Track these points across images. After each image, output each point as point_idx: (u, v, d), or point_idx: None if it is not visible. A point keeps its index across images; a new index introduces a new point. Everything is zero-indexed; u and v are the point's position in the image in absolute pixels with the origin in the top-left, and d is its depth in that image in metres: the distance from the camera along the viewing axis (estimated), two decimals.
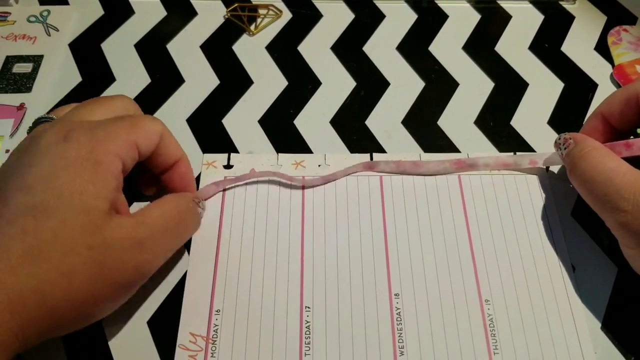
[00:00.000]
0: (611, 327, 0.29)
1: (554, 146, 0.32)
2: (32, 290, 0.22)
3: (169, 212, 0.27)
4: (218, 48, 0.42)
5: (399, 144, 0.36)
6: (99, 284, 0.24)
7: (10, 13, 0.44)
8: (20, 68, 0.40)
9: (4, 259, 0.22)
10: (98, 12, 0.44)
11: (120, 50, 0.42)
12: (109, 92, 0.39)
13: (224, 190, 0.34)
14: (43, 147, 0.25)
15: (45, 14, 0.44)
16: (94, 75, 0.40)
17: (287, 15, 0.44)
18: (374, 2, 0.45)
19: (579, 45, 0.42)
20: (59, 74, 0.40)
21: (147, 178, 0.32)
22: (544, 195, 0.34)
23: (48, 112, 0.28)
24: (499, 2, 0.45)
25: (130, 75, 0.40)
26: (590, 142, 0.30)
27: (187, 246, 0.32)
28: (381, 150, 0.36)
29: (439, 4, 0.45)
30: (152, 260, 0.26)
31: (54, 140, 0.25)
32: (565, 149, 0.31)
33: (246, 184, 0.34)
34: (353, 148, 0.36)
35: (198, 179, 0.34)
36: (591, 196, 0.29)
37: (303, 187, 0.34)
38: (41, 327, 0.23)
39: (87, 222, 0.23)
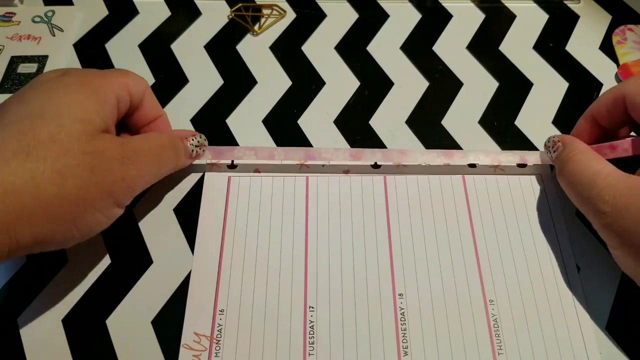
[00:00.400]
0: (616, 327, 0.29)
1: (544, 148, 0.33)
2: (25, 182, 0.23)
3: (152, 141, 0.29)
4: (222, 48, 0.42)
5: (403, 143, 0.36)
6: (91, 187, 0.25)
7: (15, 13, 0.44)
8: (25, 68, 0.40)
9: None
10: (102, 12, 0.44)
11: (125, 50, 0.42)
12: None
13: (228, 191, 0.34)
14: (43, 79, 0.27)
15: (49, 14, 0.44)
16: None
17: (291, 15, 0.44)
18: (378, 1, 0.45)
19: (583, 45, 0.42)
20: None
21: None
22: (548, 195, 0.34)
23: None
24: (503, 1, 0.45)
25: None
26: (577, 145, 0.30)
27: (191, 246, 0.32)
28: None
29: (443, 4, 0.45)
30: (137, 176, 0.27)
31: (52, 75, 0.27)
32: (554, 152, 0.32)
33: (250, 184, 0.34)
34: (357, 148, 0.36)
35: (202, 178, 0.34)
36: (577, 198, 0.29)
37: (307, 187, 0.34)
38: (34, 225, 0.23)
39: (83, 130, 0.25)
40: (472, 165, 0.34)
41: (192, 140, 0.32)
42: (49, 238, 0.24)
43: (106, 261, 0.31)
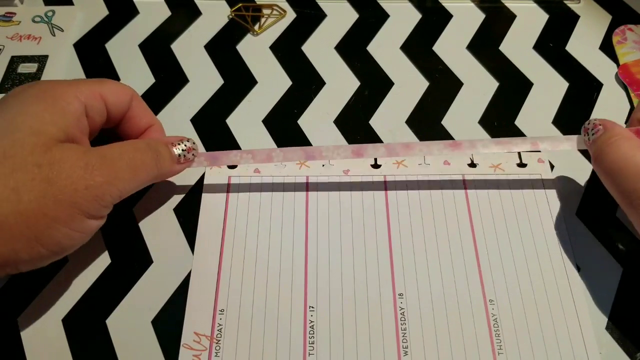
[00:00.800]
0: (616, 327, 0.29)
1: (582, 131, 0.31)
2: None
3: (125, 146, 0.28)
4: (222, 48, 0.42)
5: None
6: (50, 201, 0.23)
7: (15, 13, 0.44)
8: (25, 68, 0.40)
9: None
10: (103, 12, 0.44)
11: (125, 50, 0.42)
12: None
13: (228, 191, 0.34)
14: (9, 94, 0.26)
15: (50, 14, 0.44)
16: (99, 75, 0.40)
17: (291, 15, 0.44)
18: (378, 1, 0.45)
19: (583, 45, 0.42)
20: (64, 74, 0.40)
21: None
22: (548, 195, 0.34)
23: None
24: (503, 1, 0.45)
25: (134, 75, 0.40)
26: (619, 130, 0.28)
27: (191, 246, 0.32)
28: None
29: (443, 4, 0.45)
30: (105, 183, 0.25)
31: (19, 88, 0.27)
32: (593, 134, 0.29)
33: (250, 184, 0.34)
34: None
35: (202, 178, 0.34)
36: (617, 189, 0.27)
37: (307, 188, 0.34)
38: None
39: (37, 143, 0.24)
40: (472, 165, 0.34)
41: (179, 144, 0.30)
42: (13, 258, 0.23)
43: (106, 261, 0.31)
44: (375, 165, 0.34)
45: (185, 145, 0.31)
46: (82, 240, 0.26)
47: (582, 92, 0.39)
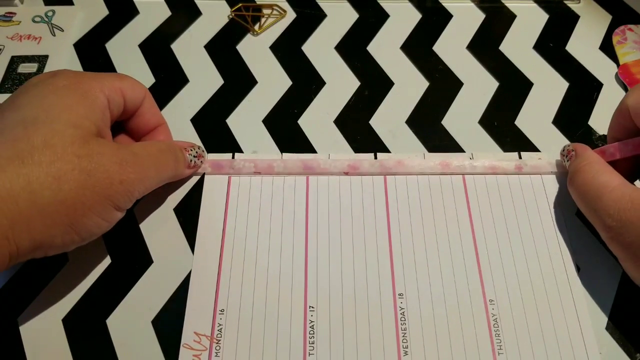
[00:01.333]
0: (616, 327, 0.29)
1: (560, 155, 0.34)
2: (21, 188, 0.23)
3: (150, 147, 0.29)
4: (222, 48, 0.42)
5: (403, 143, 0.36)
6: (88, 191, 0.25)
7: (15, 13, 0.44)
8: (26, 68, 0.40)
9: None
10: (103, 12, 0.44)
11: (125, 50, 0.42)
12: None
13: (228, 191, 0.34)
14: (34, 81, 0.27)
15: (50, 14, 0.44)
16: None
17: (291, 15, 0.44)
18: (378, 1, 0.45)
19: (583, 45, 0.42)
20: None
21: None
22: (548, 196, 0.34)
23: None
24: (503, 1, 0.45)
25: (134, 75, 0.39)
26: (587, 155, 0.31)
27: (191, 246, 0.32)
28: (385, 150, 0.36)
29: (443, 4, 0.45)
30: (136, 180, 0.27)
31: (43, 77, 0.27)
32: (568, 161, 0.32)
33: (250, 184, 0.34)
34: (357, 148, 0.36)
35: (202, 179, 0.34)
36: (585, 209, 0.30)
37: (307, 187, 0.34)
38: (32, 229, 0.23)
39: (76, 135, 0.25)
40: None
41: (191, 150, 0.32)
42: (48, 242, 0.24)
43: (106, 261, 0.31)
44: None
45: (195, 152, 0.33)
46: (107, 229, 0.27)
47: (582, 92, 0.39)
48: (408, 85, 0.40)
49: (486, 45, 0.42)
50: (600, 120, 0.37)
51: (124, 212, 0.28)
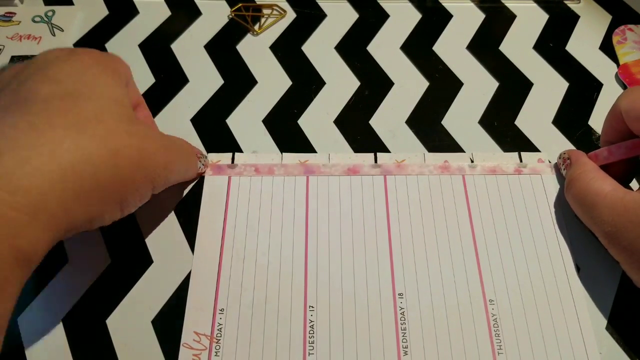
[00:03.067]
0: (616, 327, 0.29)
1: (556, 163, 0.34)
2: (84, 162, 0.22)
3: (180, 141, 0.30)
4: (222, 48, 0.42)
5: (403, 143, 0.36)
6: (139, 169, 0.24)
7: (15, 13, 0.44)
8: None
9: (47, 131, 0.21)
10: (103, 12, 0.44)
11: (125, 50, 0.42)
12: None
13: (228, 191, 0.34)
14: (53, 57, 0.25)
15: (50, 14, 0.44)
16: None
17: (291, 14, 0.44)
18: (378, 1, 0.45)
19: (583, 45, 0.42)
20: None
21: None
22: (548, 196, 0.34)
23: None
24: (503, 1, 0.45)
25: (134, 75, 0.39)
26: (581, 163, 0.31)
27: (191, 246, 0.32)
28: (385, 150, 0.36)
29: (443, 4, 0.45)
30: (174, 168, 0.27)
31: (60, 54, 0.25)
32: (564, 168, 0.33)
33: (250, 184, 0.34)
34: (357, 148, 0.36)
35: (202, 178, 0.34)
36: (583, 217, 0.30)
37: (307, 187, 0.34)
38: (90, 205, 0.23)
39: (122, 113, 0.24)
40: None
41: (200, 157, 0.33)
42: (98, 218, 0.24)
43: (106, 261, 0.31)
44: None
45: (203, 161, 0.34)
46: (137, 207, 0.27)
47: (582, 92, 0.39)
48: (408, 85, 0.40)
49: (486, 46, 0.42)
50: (601, 120, 0.37)
51: (151, 197, 0.27)
